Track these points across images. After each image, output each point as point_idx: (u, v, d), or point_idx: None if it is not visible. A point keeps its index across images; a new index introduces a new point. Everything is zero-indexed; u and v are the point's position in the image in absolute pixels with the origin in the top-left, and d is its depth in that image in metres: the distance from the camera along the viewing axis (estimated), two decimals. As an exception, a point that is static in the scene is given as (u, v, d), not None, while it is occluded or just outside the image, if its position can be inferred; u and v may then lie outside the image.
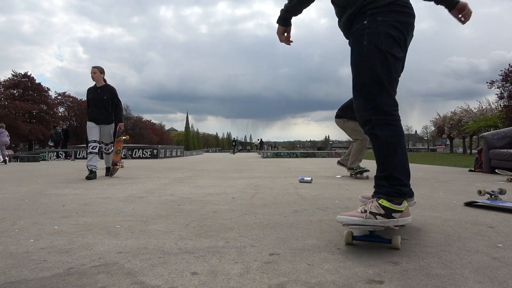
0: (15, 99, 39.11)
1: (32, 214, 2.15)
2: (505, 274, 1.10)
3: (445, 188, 3.52)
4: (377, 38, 1.48)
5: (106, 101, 5.12)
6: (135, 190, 3.38)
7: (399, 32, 1.49)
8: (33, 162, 12.49)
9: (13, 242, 1.49)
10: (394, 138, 1.47)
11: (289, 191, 3.29)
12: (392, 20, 1.49)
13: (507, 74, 26.60)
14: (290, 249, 1.39)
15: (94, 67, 5.15)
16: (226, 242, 1.49)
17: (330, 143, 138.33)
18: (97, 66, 5.18)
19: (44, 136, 36.91)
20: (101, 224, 1.84)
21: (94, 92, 5.16)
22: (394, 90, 1.54)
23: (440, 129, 41.01)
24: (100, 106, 5.09)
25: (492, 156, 5.57)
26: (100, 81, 5.16)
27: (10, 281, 1.06)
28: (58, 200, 2.73)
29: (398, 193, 1.44)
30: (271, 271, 1.14)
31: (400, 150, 1.48)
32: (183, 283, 1.04)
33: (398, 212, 1.40)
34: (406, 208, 1.45)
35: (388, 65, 1.49)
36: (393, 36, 1.48)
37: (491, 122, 28.74)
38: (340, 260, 1.24)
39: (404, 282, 1.04)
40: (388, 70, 1.49)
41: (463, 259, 1.25)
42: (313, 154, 19.93)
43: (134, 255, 1.30)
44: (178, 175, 5.38)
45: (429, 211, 2.23)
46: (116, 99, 5.26)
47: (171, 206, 2.42)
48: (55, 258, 1.27)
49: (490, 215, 2.10)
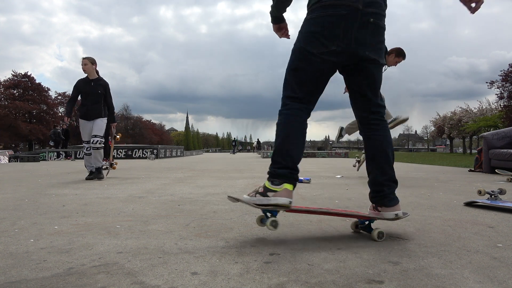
0: (15, 99, 39.12)
1: (32, 214, 2.15)
2: (504, 274, 1.10)
3: (445, 188, 3.52)
4: (300, 36, 1.57)
5: (99, 95, 4.68)
6: (135, 190, 3.38)
7: (321, 27, 1.49)
8: (33, 162, 12.50)
9: (13, 242, 1.49)
10: (279, 126, 1.58)
11: (289, 191, 3.29)
12: (316, 16, 1.51)
13: (507, 74, 26.62)
14: (290, 249, 1.39)
15: (84, 58, 4.66)
16: (226, 242, 1.49)
17: (330, 143, 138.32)
18: (88, 57, 4.70)
19: (44, 136, 36.91)
20: (101, 224, 1.84)
21: (86, 85, 4.66)
22: (305, 84, 1.58)
23: (440, 129, 41.04)
24: (92, 101, 4.65)
25: (492, 156, 5.57)
26: (92, 73, 4.68)
27: (10, 281, 1.06)
28: (58, 200, 2.73)
29: (273, 174, 1.51)
30: (271, 271, 1.14)
31: (282, 137, 1.55)
32: (183, 283, 1.04)
33: (272, 191, 1.48)
34: (284, 190, 1.48)
35: (297, 60, 1.56)
36: (313, 32, 1.51)
37: (491, 122, 28.75)
38: (340, 260, 1.24)
39: (404, 282, 1.04)
40: (296, 66, 1.57)
41: (463, 259, 1.25)
42: (313, 154, 19.93)
43: (134, 255, 1.31)
44: (178, 175, 5.37)
45: (429, 211, 2.23)
46: (109, 96, 4.84)
47: (171, 206, 2.42)
48: (55, 258, 1.27)
49: (490, 215, 2.10)
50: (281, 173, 1.51)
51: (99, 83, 4.69)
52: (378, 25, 1.52)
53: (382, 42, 1.57)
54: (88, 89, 4.64)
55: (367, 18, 1.47)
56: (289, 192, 1.50)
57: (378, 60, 1.56)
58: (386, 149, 1.60)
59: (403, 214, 1.64)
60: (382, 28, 1.55)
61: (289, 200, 1.48)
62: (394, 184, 1.62)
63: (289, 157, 1.53)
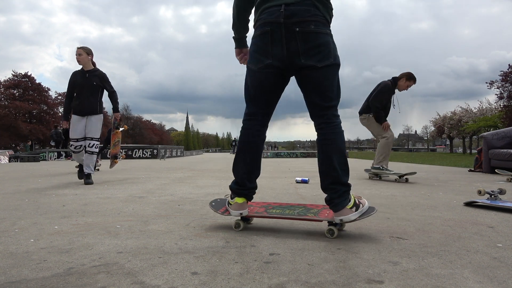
0: (15, 99, 39.09)
1: (32, 214, 2.15)
2: (504, 274, 1.11)
3: (445, 188, 3.52)
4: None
5: (95, 87, 4.19)
6: (135, 190, 3.38)
7: (256, 46, 1.66)
8: (33, 162, 12.49)
9: (13, 242, 1.49)
10: (239, 144, 1.76)
11: (289, 191, 3.29)
12: (253, 37, 1.68)
13: (506, 74, 26.62)
14: (290, 249, 1.39)
15: (79, 47, 4.19)
16: (226, 242, 1.49)
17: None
18: (83, 46, 4.23)
19: (44, 136, 36.88)
20: (101, 224, 1.84)
21: (80, 76, 4.18)
22: (254, 99, 1.73)
23: (440, 129, 41.04)
24: (86, 94, 4.15)
25: (492, 156, 5.57)
26: (88, 64, 4.19)
27: (10, 281, 1.06)
28: (58, 200, 2.73)
29: (230, 188, 1.79)
30: (271, 271, 1.14)
31: (238, 156, 1.75)
32: (183, 283, 1.04)
33: (230, 204, 1.77)
34: (235, 204, 1.73)
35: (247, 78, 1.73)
36: (252, 52, 1.69)
37: (491, 122, 28.76)
38: (340, 260, 1.24)
39: (404, 282, 1.04)
40: (246, 83, 1.74)
41: (463, 259, 1.25)
42: (313, 154, 19.92)
43: (134, 255, 1.31)
44: (178, 175, 5.37)
45: (429, 211, 2.23)
46: (109, 86, 4.30)
47: (171, 206, 2.42)
48: (55, 258, 1.27)
49: (490, 215, 2.10)
50: (232, 188, 1.77)
51: (95, 74, 4.21)
52: (308, 31, 1.56)
53: (321, 45, 1.58)
54: (83, 81, 4.16)
55: (292, 28, 1.56)
56: (239, 205, 1.73)
57: (316, 65, 1.58)
58: (330, 153, 1.61)
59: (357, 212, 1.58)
60: (315, 33, 1.57)
61: (239, 212, 1.72)
62: (340, 186, 1.59)
63: (238, 174, 1.76)
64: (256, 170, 1.75)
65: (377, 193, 3.12)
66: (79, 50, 4.16)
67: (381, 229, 1.72)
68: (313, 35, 1.57)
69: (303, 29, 1.56)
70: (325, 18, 1.61)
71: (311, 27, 1.56)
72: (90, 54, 4.22)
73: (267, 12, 1.61)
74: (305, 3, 1.57)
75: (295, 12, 1.56)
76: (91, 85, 4.16)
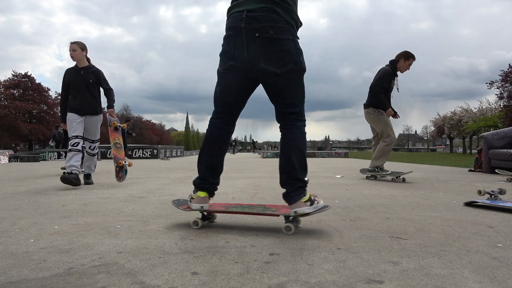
0: (15, 99, 39.09)
1: (32, 214, 2.15)
2: (504, 274, 1.11)
3: (445, 188, 3.52)
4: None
5: (92, 85, 3.92)
6: (135, 190, 3.38)
7: (222, 49, 1.75)
8: (33, 162, 12.49)
9: (13, 242, 1.49)
10: (204, 141, 1.82)
11: (289, 191, 3.29)
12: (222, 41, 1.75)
13: (506, 75, 26.63)
14: (290, 249, 1.39)
15: (73, 42, 3.86)
16: (226, 242, 1.49)
17: (330, 143, 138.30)
18: (77, 41, 3.89)
19: (44, 136, 36.88)
20: (101, 224, 1.84)
21: (75, 74, 3.89)
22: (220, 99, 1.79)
23: (440, 129, 41.04)
24: (83, 92, 3.88)
25: (492, 156, 5.57)
26: (82, 60, 3.91)
27: (10, 281, 1.06)
28: (58, 200, 2.73)
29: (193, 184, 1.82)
30: (271, 271, 1.14)
31: (202, 152, 1.81)
32: (183, 283, 1.05)
33: (192, 198, 1.79)
34: (197, 197, 1.77)
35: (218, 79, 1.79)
36: (220, 55, 1.76)
37: (491, 122, 28.76)
38: (340, 260, 1.24)
39: (404, 282, 1.04)
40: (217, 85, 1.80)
41: (463, 259, 1.25)
42: (313, 154, 19.92)
43: (134, 255, 1.31)
44: (178, 175, 5.37)
45: (429, 211, 2.23)
46: (105, 83, 4.04)
47: (171, 206, 2.42)
48: (55, 258, 1.27)
49: (490, 215, 2.10)
50: (195, 183, 1.81)
51: (90, 71, 3.93)
52: (267, 37, 1.61)
53: (281, 51, 1.63)
54: (78, 78, 3.87)
55: (253, 33, 1.61)
56: (201, 199, 1.76)
57: (275, 71, 1.64)
58: (289, 151, 1.70)
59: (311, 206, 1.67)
60: (274, 39, 1.61)
61: (200, 206, 1.76)
62: (297, 181, 1.69)
63: (201, 169, 1.80)
64: (219, 166, 1.81)
65: (377, 193, 3.12)
66: (73, 46, 3.83)
67: (381, 229, 1.72)
68: (273, 40, 1.61)
69: (263, 35, 1.60)
70: (288, 23, 1.64)
71: (270, 33, 1.60)
72: (85, 50, 3.93)
73: (232, 17, 1.69)
74: (265, 9, 1.61)
75: (256, 17, 1.61)
76: (87, 82, 3.88)
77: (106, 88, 4.07)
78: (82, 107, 3.89)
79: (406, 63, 4.37)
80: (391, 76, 4.40)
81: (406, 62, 4.36)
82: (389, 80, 4.39)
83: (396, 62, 4.41)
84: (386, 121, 4.38)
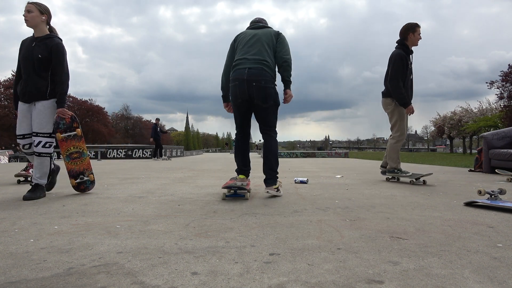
0: (15, 99, 39.11)
1: (32, 214, 2.15)
2: (504, 274, 1.10)
3: (445, 188, 3.52)
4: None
5: (41, 61, 2.83)
6: (135, 190, 3.38)
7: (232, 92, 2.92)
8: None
9: (13, 242, 1.49)
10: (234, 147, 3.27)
11: (289, 191, 3.29)
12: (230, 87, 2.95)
13: (506, 75, 26.63)
14: (290, 249, 1.39)
15: (29, 2, 2.85)
16: (226, 242, 1.49)
17: (330, 143, 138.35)
18: (36, 1, 2.88)
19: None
20: (101, 224, 1.84)
21: (26, 46, 2.89)
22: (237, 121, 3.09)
23: (440, 129, 41.05)
24: (28, 71, 2.85)
25: (492, 156, 5.57)
26: (39, 27, 2.88)
27: (10, 281, 1.06)
28: (58, 200, 2.73)
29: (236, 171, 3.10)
30: (271, 271, 1.14)
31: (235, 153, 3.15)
32: (183, 283, 1.04)
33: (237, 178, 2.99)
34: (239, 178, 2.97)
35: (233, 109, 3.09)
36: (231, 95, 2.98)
37: (491, 122, 28.77)
38: (340, 260, 1.24)
39: (404, 282, 1.04)
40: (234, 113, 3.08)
41: (463, 259, 1.25)
42: (313, 154, 19.93)
43: (134, 255, 1.31)
44: (178, 175, 5.37)
45: (429, 211, 2.23)
46: (59, 64, 2.87)
47: (171, 206, 2.42)
48: (55, 258, 1.27)
49: (490, 215, 2.10)
50: (237, 170, 3.07)
51: (43, 42, 2.86)
52: (260, 86, 2.78)
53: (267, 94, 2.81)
54: (26, 52, 2.86)
55: (251, 83, 2.78)
56: (242, 179, 2.94)
57: (262, 105, 2.84)
58: (268, 152, 2.93)
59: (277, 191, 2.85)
60: (264, 87, 2.79)
61: (241, 183, 2.79)
62: (272, 172, 2.91)
63: (238, 163, 3.06)
64: (246, 160, 3.07)
65: (377, 193, 3.12)
66: (28, 6, 2.83)
67: (381, 229, 1.72)
68: (263, 87, 2.79)
69: (257, 84, 2.77)
70: (272, 76, 2.86)
71: (262, 83, 2.78)
72: (45, 14, 2.90)
73: (237, 72, 2.84)
74: (259, 68, 2.79)
75: (254, 73, 2.78)
76: (34, 58, 2.82)
77: (58, 71, 2.87)
78: (27, 91, 2.86)
79: (415, 34, 4.00)
80: (406, 59, 3.97)
81: (415, 34, 3.99)
82: (406, 63, 3.96)
83: (405, 40, 4.03)
84: (402, 114, 4.06)
